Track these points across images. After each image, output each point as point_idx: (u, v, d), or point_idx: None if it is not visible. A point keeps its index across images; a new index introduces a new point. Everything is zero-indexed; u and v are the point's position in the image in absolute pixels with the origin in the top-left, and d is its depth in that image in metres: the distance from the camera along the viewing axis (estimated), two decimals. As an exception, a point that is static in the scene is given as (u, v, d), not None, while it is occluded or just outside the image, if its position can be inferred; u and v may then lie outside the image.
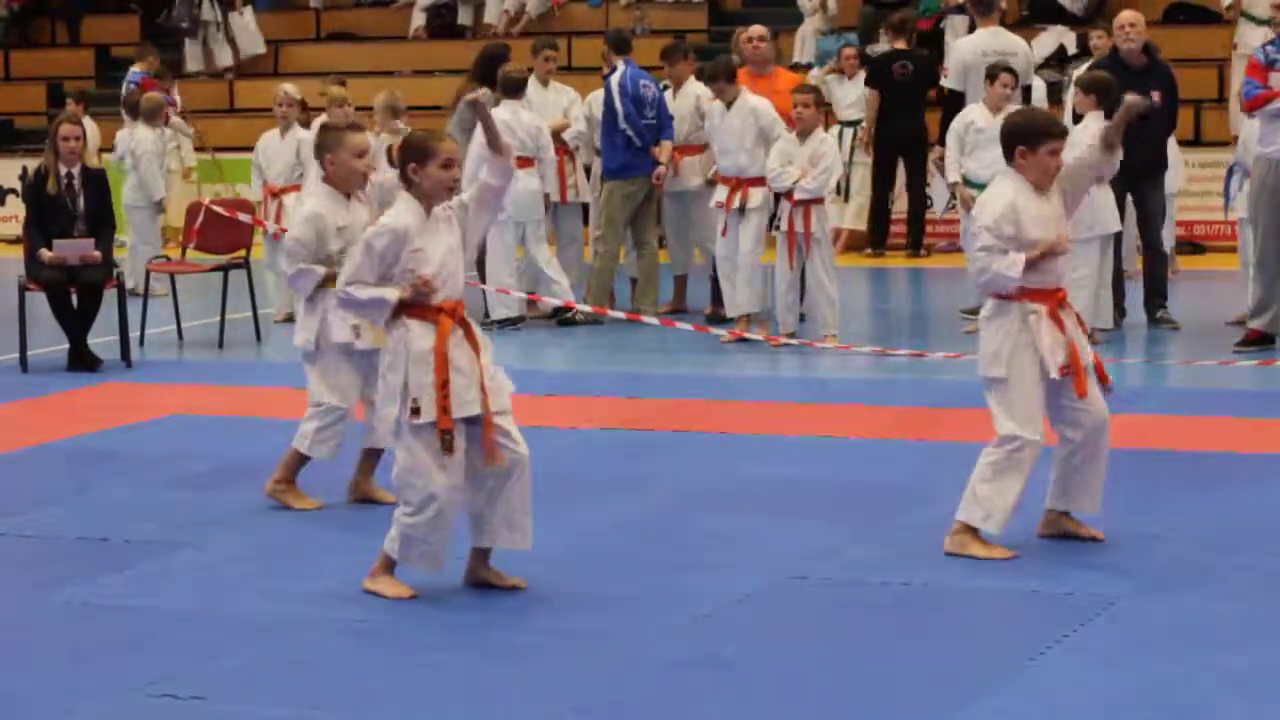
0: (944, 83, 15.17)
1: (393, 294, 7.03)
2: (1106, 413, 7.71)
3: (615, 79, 14.39)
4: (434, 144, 7.16)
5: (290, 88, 15.17)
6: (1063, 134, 7.72)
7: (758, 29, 14.62)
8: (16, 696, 6.12)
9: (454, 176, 7.14)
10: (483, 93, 14.25)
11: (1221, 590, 7.14)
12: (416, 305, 7.04)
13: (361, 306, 7.17)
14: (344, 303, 7.26)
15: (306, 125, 14.82)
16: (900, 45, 18.93)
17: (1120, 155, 7.85)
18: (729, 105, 13.44)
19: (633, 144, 14.31)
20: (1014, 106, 13.46)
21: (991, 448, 7.59)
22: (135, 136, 16.52)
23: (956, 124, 13.77)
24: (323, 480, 8.70)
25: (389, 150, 8.45)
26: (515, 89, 14.15)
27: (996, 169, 13.12)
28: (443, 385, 6.97)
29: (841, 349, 12.78)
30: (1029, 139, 7.63)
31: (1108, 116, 12.51)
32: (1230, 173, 14.08)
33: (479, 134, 13.64)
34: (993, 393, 7.60)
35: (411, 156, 7.15)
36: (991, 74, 13.57)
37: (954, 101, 14.24)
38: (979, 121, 13.51)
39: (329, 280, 8.50)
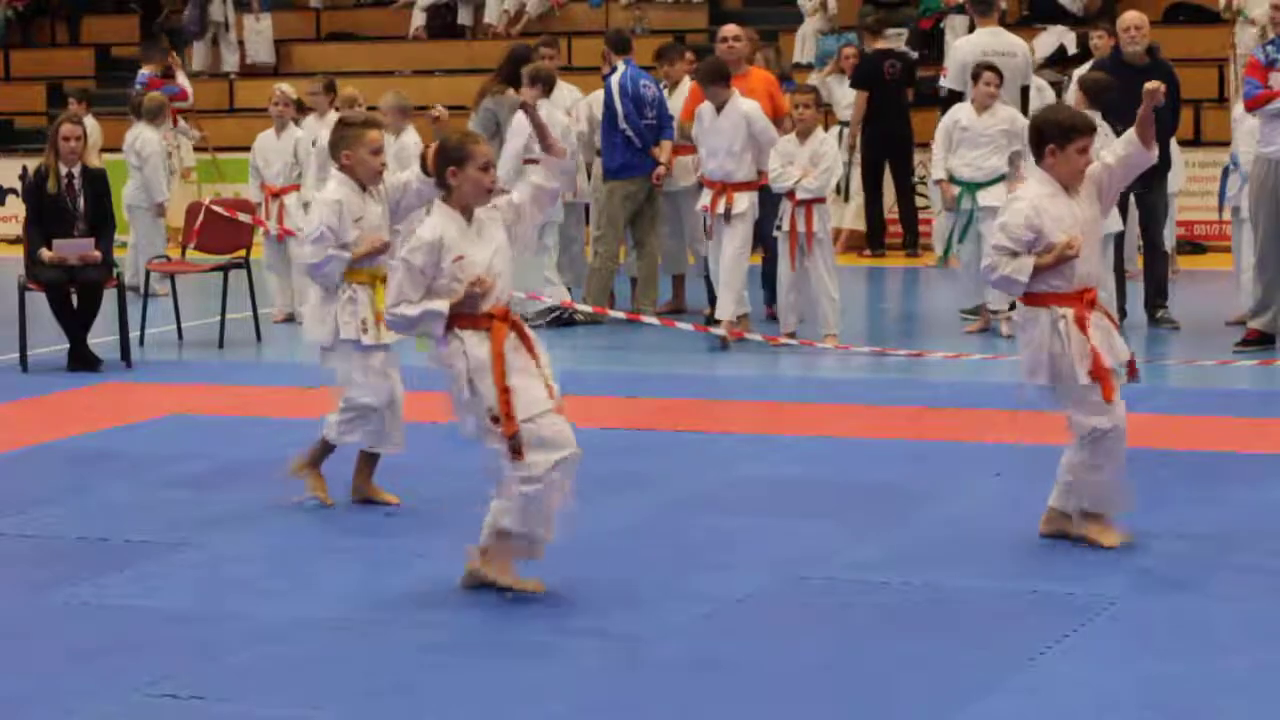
0: (943, 83, 15.18)
1: (443, 304, 7.00)
2: (1124, 418, 7.69)
3: (615, 79, 14.39)
4: (471, 147, 7.12)
5: (286, 87, 15.17)
6: (1091, 130, 7.66)
7: (731, 29, 14.57)
8: (17, 696, 6.12)
9: (492, 179, 7.11)
10: (515, 94, 14.27)
11: (1222, 590, 7.14)
12: (467, 315, 7.02)
13: (415, 323, 7.09)
14: (395, 325, 7.22)
15: (298, 125, 14.84)
16: (881, 45, 18.92)
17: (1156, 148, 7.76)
18: (719, 108, 13.38)
19: (632, 144, 14.30)
20: (1003, 106, 13.49)
21: (1077, 445, 7.61)
22: (140, 137, 16.52)
23: (945, 121, 13.82)
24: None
25: (423, 156, 8.40)
26: (549, 87, 14.14)
27: (979, 167, 13.30)
28: (504, 392, 6.95)
29: (841, 349, 12.78)
30: (1058, 137, 7.56)
31: (1105, 118, 12.59)
32: (1226, 173, 14.07)
33: (516, 136, 13.70)
34: (1054, 398, 7.63)
35: (450, 160, 7.12)
36: (976, 73, 13.60)
37: (955, 101, 14.23)
38: (964, 120, 13.56)
39: (348, 272, 8.51)
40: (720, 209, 13.24)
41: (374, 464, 8.67)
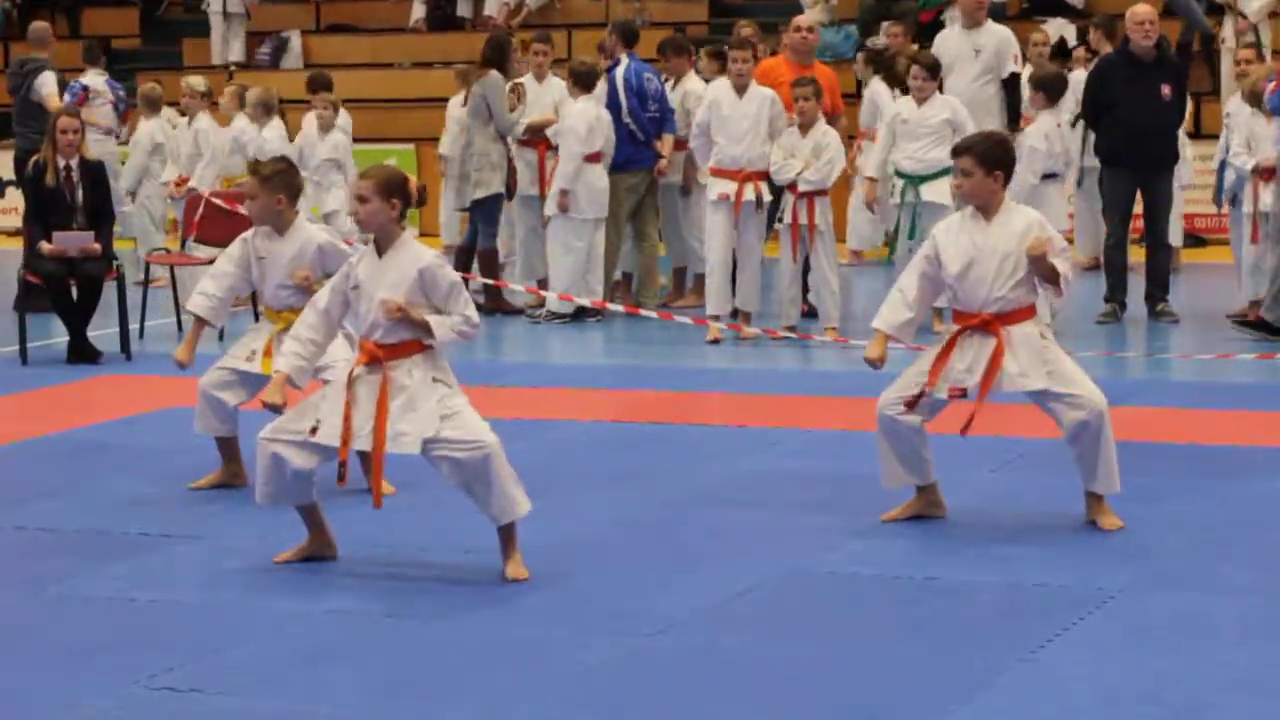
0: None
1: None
2: (1095, 404, 7.76)
3: (620, 72, 14.39)
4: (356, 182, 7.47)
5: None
6: (954, 153, 7.90)
7: (805, 19, 14.55)
8: (16, 690, 6.12)
9: (352, 210, 7.31)
10: (498, 75, 14.31)
11: (1221, 584, 7.14)
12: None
13: None
14: None
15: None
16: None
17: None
18: (740, 92, 13.22)
19: (635, 137, 14.28)
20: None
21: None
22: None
23: (887, 115, 13.68)
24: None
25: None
26: (594, 83, 14.12)
27: (921, 159, 13.14)
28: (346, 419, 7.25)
29: (840, 342, 12.76)
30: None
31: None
32: (1223, 166, 14.08)
33: (570, 138, 13.71)
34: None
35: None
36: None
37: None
38: (904, 113, 13.37)
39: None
40: (749, 196, 13.07)
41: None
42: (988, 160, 7.74)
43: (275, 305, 8.69)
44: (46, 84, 15.91)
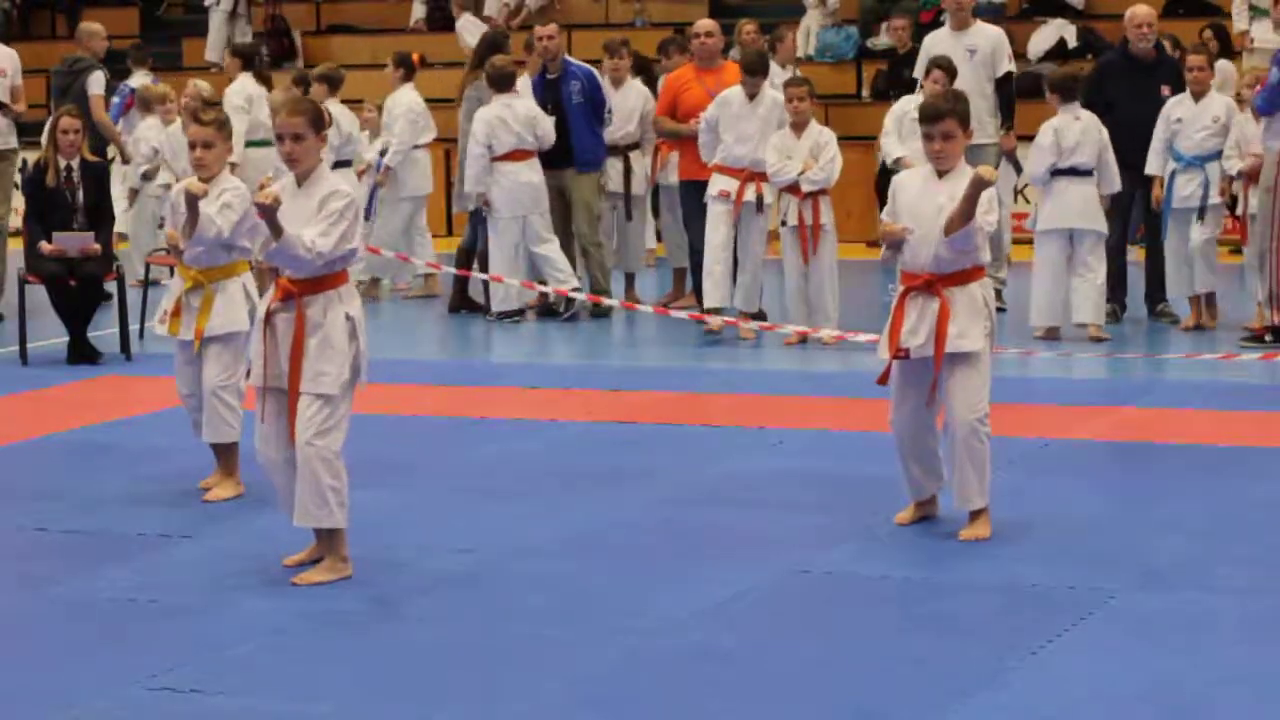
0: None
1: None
2: (961, 414, 7.82)
3: (597, 71, 14.49)
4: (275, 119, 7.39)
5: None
6: (930, 118, 7.79)
7: (705, 24, 14.56)
8: (15, 690, 6.12)
9: (285, 151, 7.17)
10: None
11: (1222, 584, 7.14)
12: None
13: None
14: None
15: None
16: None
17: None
18: (751, 96, 13.21)
19: (600, 135, 14.39)
20: None
21: None
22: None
23: (897, 108, 13.72)
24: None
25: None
26: (507, 83, 14.07)
27: None
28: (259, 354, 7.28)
29: (840, 338, 12.76)
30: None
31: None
32: (1173, 175, 13.99)
33: (472, 141, 13.75)
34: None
35: None
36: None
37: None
38: (914, 111, 13.32)
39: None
40: (750, 196, 13.08)
41: (216, 453, 8.76)
42: (965, 120, 7.82)
43: (192, 264, 8.64)
44: (96, 84, 16.13)
